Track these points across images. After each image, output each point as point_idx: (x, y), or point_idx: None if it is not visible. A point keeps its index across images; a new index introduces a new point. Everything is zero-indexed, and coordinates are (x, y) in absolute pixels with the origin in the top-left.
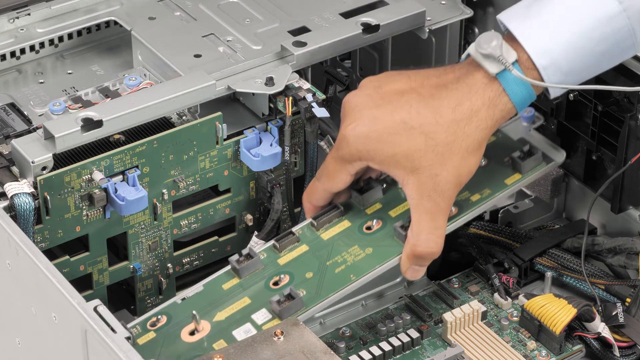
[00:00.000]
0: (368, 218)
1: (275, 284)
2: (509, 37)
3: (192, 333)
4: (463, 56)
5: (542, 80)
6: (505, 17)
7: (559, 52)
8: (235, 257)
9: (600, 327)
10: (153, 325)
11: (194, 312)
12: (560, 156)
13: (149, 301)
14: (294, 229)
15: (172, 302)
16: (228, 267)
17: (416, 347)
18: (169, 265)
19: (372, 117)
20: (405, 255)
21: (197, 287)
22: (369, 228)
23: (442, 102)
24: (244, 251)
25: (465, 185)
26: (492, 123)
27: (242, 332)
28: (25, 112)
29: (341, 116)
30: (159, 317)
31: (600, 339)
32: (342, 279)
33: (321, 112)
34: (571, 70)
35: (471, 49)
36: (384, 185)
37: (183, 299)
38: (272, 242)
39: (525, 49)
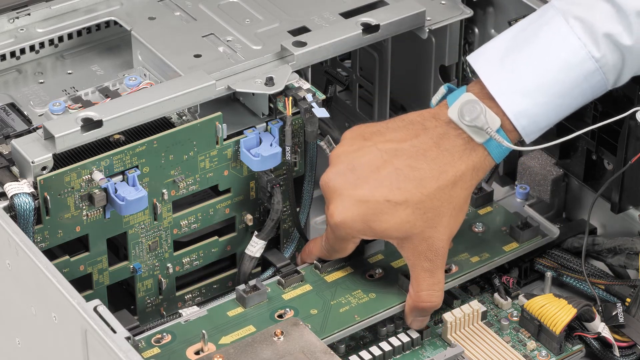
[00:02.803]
0: (370, 267)
1: (280, 316)
2: (485, 94)
3: (197, 353)
4: (434, 101)
5: (519, 134)
6: (480, 67)
7: (539, 115)
8: (242, 286)
9: (600, 327)
10: (157, 341)
11: (204, 331)
12: (553, 232)
13: (149, 301)
14: (298, 268)
15: (177, 323)
16: (233, 296)
17: (416, 347)
18: (169, 265)
19: (353, 199)
20: (409, 308)
21: (202, 312)
22: (371, 276)
23: (423, 173)
24: (251, 282)
25: (466, 248)
26: (476, 182)
27: None
28: (25, 112)
29: (324, 197)
30: (164, 334)
31: (600, 339)
32: (346, 318)
33: (321, 112)
34: (548, 125)
35: (453, 115)
36: None
37: (186, 321)
38: (277, 277)
39: (506, 113)
